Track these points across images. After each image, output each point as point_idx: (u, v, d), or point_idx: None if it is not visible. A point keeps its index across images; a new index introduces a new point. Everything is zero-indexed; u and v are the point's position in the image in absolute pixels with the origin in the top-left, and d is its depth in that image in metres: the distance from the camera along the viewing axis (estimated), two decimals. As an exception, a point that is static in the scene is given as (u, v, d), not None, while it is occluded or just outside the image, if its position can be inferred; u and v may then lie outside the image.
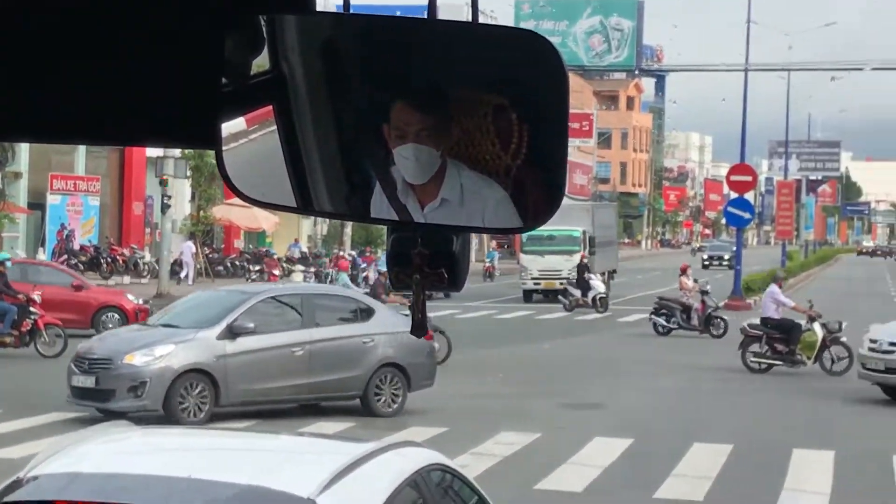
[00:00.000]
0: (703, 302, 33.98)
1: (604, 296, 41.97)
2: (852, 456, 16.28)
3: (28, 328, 25.15)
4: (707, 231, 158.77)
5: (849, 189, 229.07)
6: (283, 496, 5.05)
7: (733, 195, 47.68)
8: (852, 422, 19.75)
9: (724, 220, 71.85)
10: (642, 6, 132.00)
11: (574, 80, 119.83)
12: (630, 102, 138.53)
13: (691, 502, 13.46)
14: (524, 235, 52.20)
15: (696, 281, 36.09)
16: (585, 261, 45.41)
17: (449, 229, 2.35)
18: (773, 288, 27.13)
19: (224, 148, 2.39)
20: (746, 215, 48.41)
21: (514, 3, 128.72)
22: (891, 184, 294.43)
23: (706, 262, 77.18)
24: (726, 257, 78.64)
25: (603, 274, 50.42)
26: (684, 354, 29.13)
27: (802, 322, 26.01)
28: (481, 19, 2.38)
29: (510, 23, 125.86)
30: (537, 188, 2.26)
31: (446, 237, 2.39)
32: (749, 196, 49.25)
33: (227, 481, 5.14)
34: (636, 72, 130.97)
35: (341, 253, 52.17)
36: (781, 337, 25.74)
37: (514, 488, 13.56)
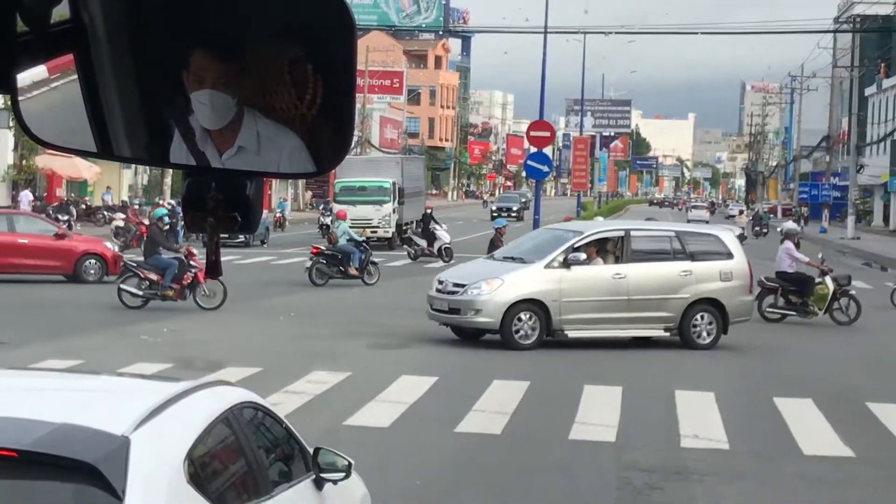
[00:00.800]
0: None
1: (449, 246, 41.98)
2: (638, 391, 16.64)
3: (188, 281, 24.95)
4: (509, 183, 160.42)
5: (639, 145, 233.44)
6: (97, 433, 4.93)
7: (533, 150, 48.03)
8: (640, 360, 20.15)
9: (524, 173, 72.51)
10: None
11: (385, 40, 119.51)
12: (438, 62, 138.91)
13: (489, 435, 13.60)
14: (337, 186, 52.05)
15: None
16: (430, 211, 45.54)
17: (245, 175, 2.32)
18: (788, 244, 27.36)
19: (22, 97, 2.32)
20: (545, 168, 48.84)
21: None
22: (677, 140, 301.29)
23: (494, 214, 76.60)
24: (514, 209, 78.90)
25: (410, 223, 50.59)
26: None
27: (815, 276, 26.57)
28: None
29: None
30: (329, 136, 2.25)
31: (241, 182, 2.36)
32: (547, 151, 49.64)
33: (40, 419, 5.01)
34: (444, 33, 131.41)
35: (333, 205, 49.86)
36: (795, 289, 26.31)
37: (324, 424, 13.55)
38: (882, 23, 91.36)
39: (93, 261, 30.51)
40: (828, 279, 26.33)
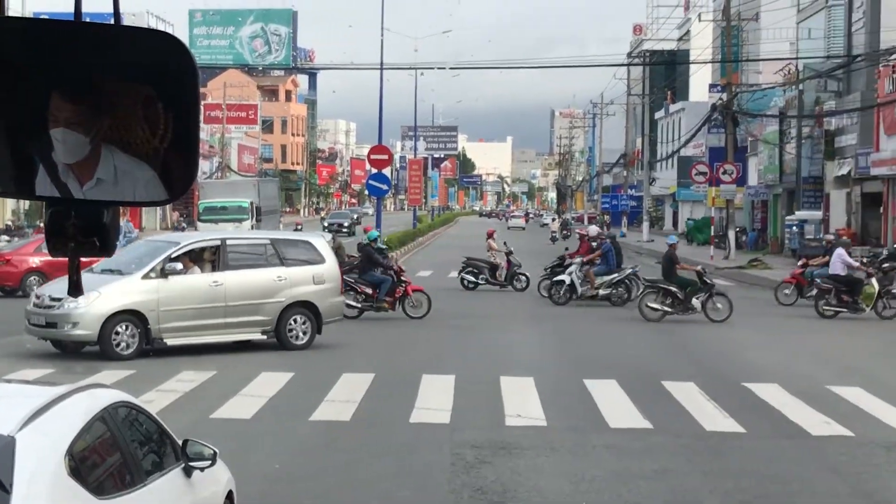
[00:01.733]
0: (508, 261, 33.69)
1: None
2: (469, 378, 16.74)
3: (400, 294, 25.32)
4: (353, 200, 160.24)
5: (465, 164, 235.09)
6: (-17, 435, 4.82)
7: (374, 171, 48.09)
8: (473, 349, 20.26)
9: (367, 192, 72.46)
10: (296, 15, 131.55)
11: (241, 77, 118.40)
12: (288, 95, 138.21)
13: (340, 422, 13.55)
14: (201, 206, 51.40)
15: (505, 243, 36.11)
16: (299, 227, 45.07)
17: (103, 204, 2.29)
18: (842, 251, 27.66)
19: None
20: (384, 187, 48.95)
21: (188, 11, 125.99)
22: (498, 160, 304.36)
23: (326, 229, 73.91)
24: (345, 224, 77.21)
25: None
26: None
27: (863, 278, 26.91)
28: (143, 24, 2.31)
29: (186, 28, 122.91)
30: (179, 167, 2.23)
31: (99, 210, 2.32)
32: (386, 171, 49.70)
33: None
34: (292, 70, 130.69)
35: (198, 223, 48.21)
36: (847, 290, 26.73)
37: (192, 418, 13.34)
38: (667, 57, 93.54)
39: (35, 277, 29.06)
40: (873, 280, 26.93)
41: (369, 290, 25.40)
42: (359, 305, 25.29)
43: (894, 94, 41.74)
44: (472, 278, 33.48)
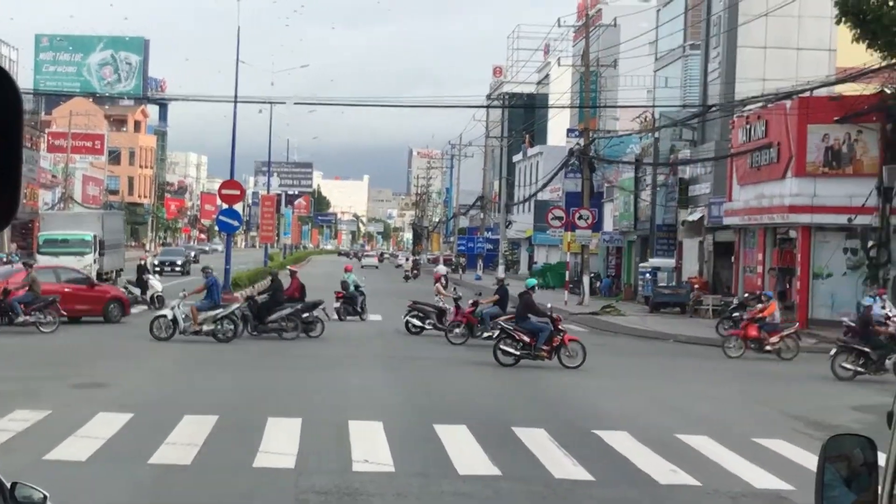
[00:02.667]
0: (457, 306, 32.99)
1: (161, 294, 40.75)
2: (316, 421, 16.64)
3: (557, 343, 25.43)
4: (203, 236, 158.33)
5: (320, 202, 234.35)
6: None
7: (225, 206, 47.64)
8: (322, 391, 20.14)
9: (216, 227, 71.67)
10: (149, 44, 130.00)
11: (88, 105, 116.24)
12: (137, 126, 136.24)
13: (180, 466, 13.33)
14: (41, 238, 50.21)
15: (455, 289, 35.75)
16: (144, 262, 44.17)
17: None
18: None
19: None
20: (235, 223, 48.54)
21: (34, 35, 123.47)
22: (354, 198, 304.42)
23: (157, 268, 70.41)
24: (179, 262, 74.59)
25: (111, 272, 49.25)
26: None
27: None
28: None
29: (31, 53, 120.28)
30: (2, 200, 2.19)
31: None
32: (238, 207, 49.31)
33: None
34: (143, 99, 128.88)
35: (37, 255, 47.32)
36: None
37: (24, 460, 12.98)
38: (526, 100, 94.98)
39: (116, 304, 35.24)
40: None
41: (527, 339, 25.67)
42: (517, 353, 25.60)
43: (748, 145, 43.09)
44: (419, 322, 33.44)
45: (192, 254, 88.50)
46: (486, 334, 29.45)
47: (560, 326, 26.27)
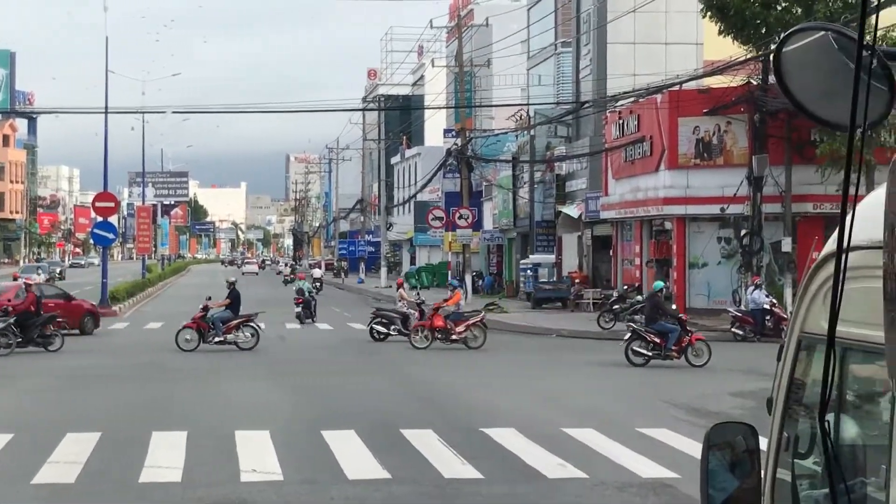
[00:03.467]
0: (420, 311, 32.99)
1: None
2: (202, 433, 16.44)
3: (685, 343, 26.01)
4: (78, 250, 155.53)
5: (197, 211, 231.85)
6: None
7: (99, 219, 46.87)
8: (207, 402, 19.91)
9: (91, 241, 70.46)
10: (15, 56, 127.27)
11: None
12: (6, 140, 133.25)
13: (63, 485, 13.06)
14: None
15: (418, 293, 35.40)
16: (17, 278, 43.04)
17: None
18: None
19: None
20: (110, 236, 47.89)
21: None
22: (232, 206, 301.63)
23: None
24: (58, 271, 78.08)
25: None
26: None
27: None
28: None
29: None
30: None
31: None
32: (113, 219, 48.57)
33: None
34: (10, 113, 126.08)
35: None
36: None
37: None
38: (402, 102, 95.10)
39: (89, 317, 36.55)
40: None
41: (657, 339, 26.04)
42: (649, 353, 26.05)
43: (621, 140, 43.71)
44: (383, 329, 33.18)
45: (58, 270, 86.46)
46: (216, 339, 29.96)
47: (687, 327, 26.90)
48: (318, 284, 74.69)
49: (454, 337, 30.12)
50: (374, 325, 33.43)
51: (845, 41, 2.44)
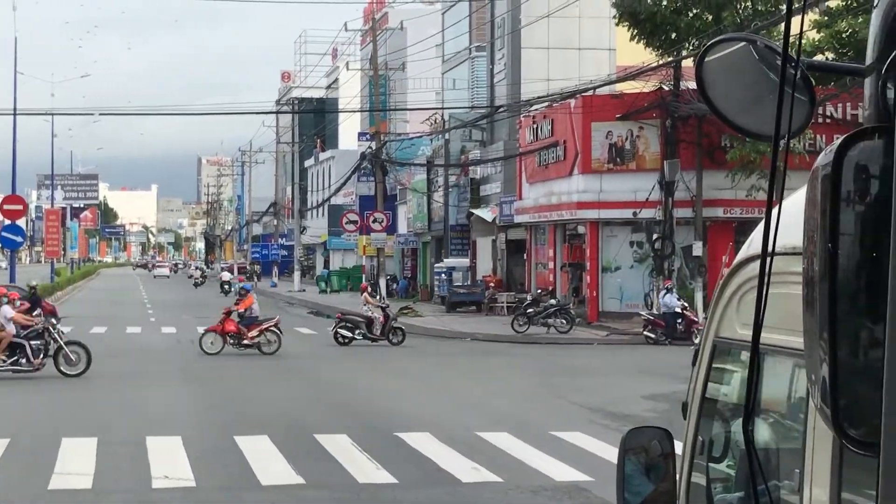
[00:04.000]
0: (385, 315, 32.64)
1: None
2: (112, 440, 16.21)
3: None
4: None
5: (107, 214, 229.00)
6: None
7: (7, 222, 46.13)
8: (117, 408, 19.62)
9: (-1, 244, 69.29)
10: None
11: None
12: None
13: (-30, 494, 12.81)
14: None
15: (381, 298, 35.14)
16: None
17: None
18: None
19: None
20: (18, 239, 47.15)
21: None
22: (142, 209, 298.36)
23: None
24: None
25: None
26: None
27: None
28: None
29: None
30: None
31: None
32: (21, 222, 47.79)
33: None
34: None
35: None
36: None
37: None
38: (316, 105, 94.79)
39: None
40: None
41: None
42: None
43: (535, 144, 43.95)
44: (348, 333, 32.91)
45: None
46: None
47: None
48: (226, 287, 74.55)
49: (246, 342, 29.71)
50: (338, 330, 33.32)
51: (766, 52, 2.47)
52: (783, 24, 1.72)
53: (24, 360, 24.16)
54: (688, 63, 35.29)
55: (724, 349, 3.43)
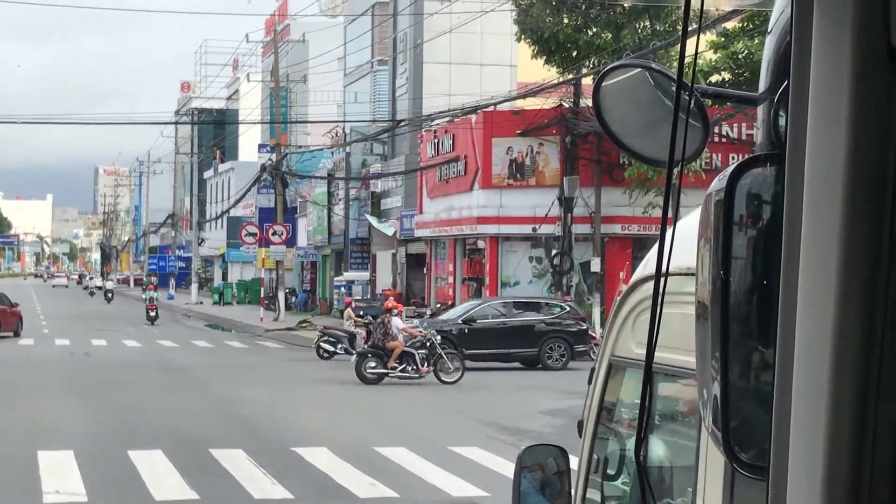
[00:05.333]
0: (367, 331, 31.85)
1: None
2: (2, 454, 15.87)
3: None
4: None
5: (0, 224, 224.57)
6: None
7: None
8: (2, 423, 19.22)
9: None
10: None
11: None
12: None
13: None
14: None
15: (362, 315, 35.01)
16: None
17: None
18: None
19: None
20: None
21: None
22: (37, 219, 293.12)
23: None
24: None
25: None
26: None
27: None
28: None
29: None
30: None
31: None
32: None
33: None
34: None
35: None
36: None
37: None
38: (216, 115, 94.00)
39: None
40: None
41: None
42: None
43: (437, 159, 44.06)
44: (330, 347, 32.68)
45: None
46: None
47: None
48: (109, 295, 73.68)
49: None
50: (321, 344, 33.25)
51: (662, 78, 2.49)
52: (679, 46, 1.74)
53: None
54: (588, 81, 35.69)
55: (619, 368, 3.46)
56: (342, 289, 52.14)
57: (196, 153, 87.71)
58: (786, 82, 1.50)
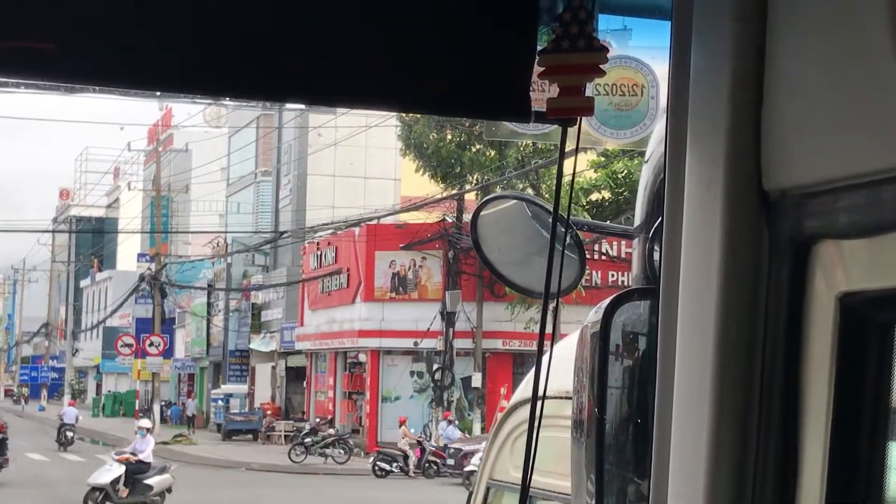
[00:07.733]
0: (420, 449, 32.63)
1: None
2: None
3: None
4: None
5: None
6: None
7: None
8: None
9: None
10: None
11: None
12: None
13: None
14: None
15: (414, 431, 34.80)
16: None
17: None
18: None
19: None
20: None
21: None
22: None
23: None
24: None
25: None
26: None
27: None
28: None
29: None
30: None
31: None
32: None
33: None
34: None
35: None
36: None
37: None
38: (95, 224, 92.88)
39: None
40: None
41: None
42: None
43: (319, 271, 43.97)
44: (387, 466, 33.06)
45: None
46: None
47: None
48: None
49: None
50: (378, 462, 33.56)
51: (538, 210, 2.53)
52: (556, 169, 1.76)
53: None
54: (471, 196, 36.11)
55: (497, 491, 3.44)
56: (220, 402, 51.38)
57: (73, 262, 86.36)
58: (658, 220, 1.53)
